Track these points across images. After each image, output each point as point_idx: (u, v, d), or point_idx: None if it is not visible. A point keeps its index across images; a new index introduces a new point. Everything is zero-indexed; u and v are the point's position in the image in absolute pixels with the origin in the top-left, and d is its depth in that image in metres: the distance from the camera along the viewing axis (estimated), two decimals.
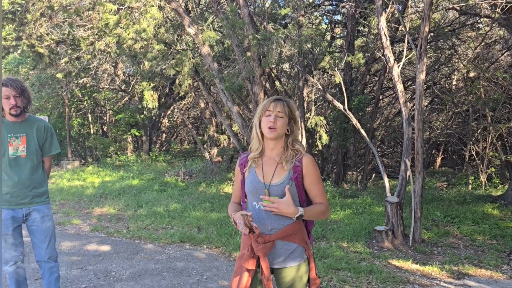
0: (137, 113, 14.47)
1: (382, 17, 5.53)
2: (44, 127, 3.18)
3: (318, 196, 2.09)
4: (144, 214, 7.00)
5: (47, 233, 3.15)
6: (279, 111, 2.04)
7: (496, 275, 4.35)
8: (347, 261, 4.61)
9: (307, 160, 2.07)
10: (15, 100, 2.97)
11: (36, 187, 3.12)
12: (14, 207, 3.05)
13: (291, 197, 1.98)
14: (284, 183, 2.01)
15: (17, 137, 3.05)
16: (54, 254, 3.22)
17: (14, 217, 3.05)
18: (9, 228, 3.04)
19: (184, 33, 8.22)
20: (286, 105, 2.07)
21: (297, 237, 2.05)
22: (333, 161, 10.03)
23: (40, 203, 3.14)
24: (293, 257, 2.04)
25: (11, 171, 3.03)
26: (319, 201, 2.09)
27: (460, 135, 9.65)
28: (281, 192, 2.01)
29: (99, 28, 8.24)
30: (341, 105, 6.72)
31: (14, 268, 3.10)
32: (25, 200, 3.07)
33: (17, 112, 3.01)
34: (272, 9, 8.14)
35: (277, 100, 2.07)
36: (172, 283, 4.08)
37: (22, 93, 3.02)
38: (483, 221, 6.18)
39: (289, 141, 2.08)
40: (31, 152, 3.09)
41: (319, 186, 2.09)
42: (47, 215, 3.16)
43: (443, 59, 9.95)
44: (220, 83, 7.23)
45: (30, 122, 3.13)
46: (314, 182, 2.08)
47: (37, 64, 10.53)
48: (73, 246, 5.32)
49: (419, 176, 5.24)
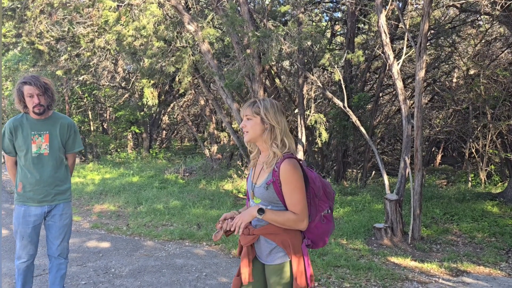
0: (137, 110, 14.48)
1: (382, 14, 5.53)
2: (68, 124, 3.19)
3: (292, 206, 1.99)
4: (144, 211, 7.02)
5: (62, 230, 3.17)
6: (246, 114, 2.08)
7: (495, 272, 4.36)
8: (346, 258, 4.63)
9: (284, 166, 1.98)
10: (38, 98, 2.97)
11: (59, 184, 3.13)
12: (37, 205, 3.07)
13: (271, 200, 2.03)
14: (261, 187, 2.05)
15: (40, 135, 3.06)
16: (65, 251, 3.24)
17: (37, 214, 3.07)
18: (29, 226, 3.06)
19: (184, 30, 8.21)
20: (256, 106, 2.06)
21: (278, 237, 2.04)
22: (333, 159, 10.04)
23: (63, 200, 3.17)
24: (273, 255, 2.07)
25: (34, 169, 3.04)
26: (293, 211, 2.00)
27: (460, 133, 9.65)
28: (260, 194, 2.06)
29: (98, 25, 8.24)
30: (341, 102, 6.72)
31: (26, 265, 3.13)
32: (48, 197, 3.09)
33: (40, 110, 3.01)
34: (272, 6, 8.13)
35: (249, 104, 2.10)
36: (171, 279, 4.09)
37: (46, 91, 3.02)
38: (482, 218, 6.19)
39: (270, 143, 2.06)
40: (54, 150, 3.10)
41: (294, 196, 1.98)
42: (65, 213, 3.18)
43: (443, 56, 9.94)
44: (220, 80, 7.23)
45: (54, 119, 3.14)
46: (290, 190, 1.98)
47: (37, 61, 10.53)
48: (73, 243, 5.33)
49: (418, 173, 5.25)
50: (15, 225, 3.08)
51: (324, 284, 3.99)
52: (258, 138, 2.07)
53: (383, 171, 5.85)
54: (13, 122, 3.04)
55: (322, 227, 2.10)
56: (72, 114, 15.03)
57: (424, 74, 5.27)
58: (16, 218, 3.08)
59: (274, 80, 9.24)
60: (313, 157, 9.88)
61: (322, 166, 9.69)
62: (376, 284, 4.01)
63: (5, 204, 7.51)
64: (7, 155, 3.10)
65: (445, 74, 11.00)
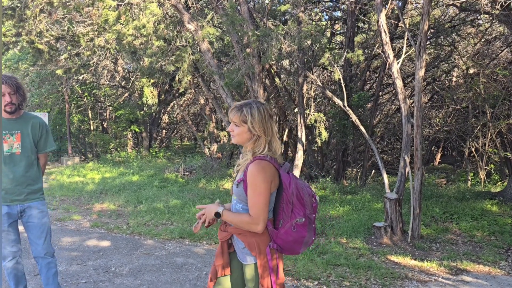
0: (137, 109, 14.48)
1: (382, 13, 5.53)
2: (39, 124, 3.18)
3: (250, 208, 1.99)
4: (144, 210, 7.03)
5: (43, 229, 3.16)
6: (233, 120, 2.09)
7: (494, 271, 4.37)
8: (346, 257, 4.63)
9: (251, 167, 1.99)
10: (10, 97, 2.98)
11: (30, 184, 3.13)
12: (9, 204, 3.06)
13: (241, 198, 2.07)
14: (235, 184, 2.12)
15: (11, 134, 3.05)
16: (51, 250, 3.23)
17: (9, 213, 3.06)
18: (5, 224, 3.05)
19: (183, 30, 8.22)
20: (243, 115, 2.04)
21: (246, 238, 2.07)
22: (332, 158, 10.05)
23: (35, 199, 3.16)
24: (243, 255, 2.12)
25: (6, 168, 3.04)
26: (250, 213, 2.00)
27: (460, 132, 9.66)
28: (235, 191, 2.12)
29: (98, 24, 8.24)
30: (341, 101, 6.72)
31: (13, 264, 3.12)
32: (20, 196, 3.08)
33: (11, 109, 3.02)
34: (272, 5, 8.13)
35: (236, 108, 2.07)
36: (171, 278, 4.10)
37: (17, 90, 3.02)
38: (482, 217, 6.20)
39: (252, 148, 2.08)
40: (26, 149, 3.09)
41: (253, 198, 1.97)
42: (42, 211, 3.17)
43: (443, 55, 9.95)
44: (220, 79, 7.23)
45: (25, 119, 3.13)
46: (251, 191, 1.98)
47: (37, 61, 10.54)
48: (73, 242, 5.34)
49: (418, 172, 5.26)
50: None
51: (324, 283, 4.00)
52: (244, 143, 2.10)
53: (383, 170, 5.86)
54: None
55: (292, 235, 2.01)
56: (72, 113, 15.03)
57: (423, 73, 5.28)
58: None
59: (274, 79, 9.24)
60: (313, 156, 9.89)
61: (322, 165, 9.70)
62: (375, 282, 4.02)
63: None
64: None
65: (445, 73, 11.01)
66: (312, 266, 4.36)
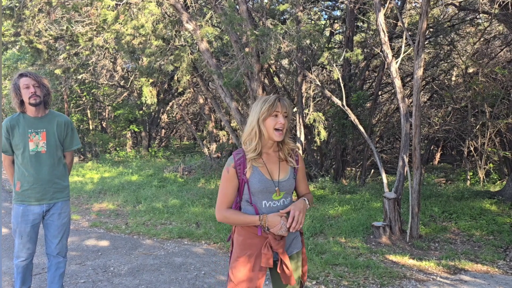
0: (136, 109, 14.47)
1: (381, 13, 5.53)
2: (65, 122, 3.18)
3: (307, 187, 2.26)
4: (143, 210, 7.03)
5: (61, 229, 3.17)
6: (285, 112, 2.02)
7: (492, 270, 4.37)
8: (345, 257, 4.64)
9: (300, 155, 2.21)
10: (34, 88, 3.00)
11: (57, 182, 3.12)
12: (36, 203, 3.06)
13: (291, 190, 2.14)
14: (290, 178, 2.12)
15: (37, 133, 3.05)
16: (64, 250, 3.24)
17: (35, 213, 3.06)
18: (28, 224, 3.05)
19: (182, 29, 8.20)
20: (288, 104, 2.07)
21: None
22: (332, 157, 10.05)
23: (61, 198, 3.16)
24: (295, 243, 2.17)
25: (32, 167, 3.03)
26: (307, 192, 2.25)
27: (459, 131, 9.66)
28: (288, 187, 2.10)
29: (97, 23, 8.23)
30: (340, 101, 6.72)
31: (25, 264, 3.13)
32: (46, 196, 3.08)
33: (36, 101, 3.01)
34: (271, 4, 8.12)
35: (281, 99, 2.04)
36: (170, 278, 4.10)
37: (41, 83, 3.06)
38: (480, 216, 6.20)
39: (285, 138, 2.08)
40: (51, 147, 3.09)
41: (306, 179, 2.27)
42: (64, 212, 3.18)
43: (442, 54, 9.95)
44: (219, 79, 7.23)
45: (51, 117, 3.13)
46: (304, 175, 2.23)
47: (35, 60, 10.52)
48: (72, 242, 5.34)
49: (416, 172, 5.26)
50: (14, 224, 3.08)
51: (323, 282, 4.00)
52: None
53: (382, 170, 5.86)
54: (10, 121, 3.03)
55: None
56: (71, 112, 15.02)
57: (422, 73, 5.27)
58: (14, 217, 3.07)
59: (273, 78, 9.24)
60: (312, 155, 9.89)
61: (321, 165, 9.70)
62: (374, 282, 4.02)
63: (4, 203, 7.51)
64: (4, 154, 3.10)
65: (444, 72, 11.02)
66: (311, 266, 4.36)
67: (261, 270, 2.06)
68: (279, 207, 2.07)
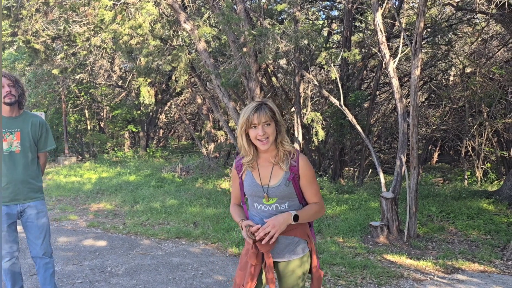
0: (134, 109, 14.46)
1: (378, 12, 5.53)
2: (39, 122, 3.17)
3: (314, 196, 2.09)
4: (140, 210, 7.02)
5: (42, 229, 3.15)
6: (264, 121, 1.98)
7: (489, 270, 4.38)
8: (342, 256, 4.64)
9: (303, 160, 2.06)
10: (9, 88, 2.99)
11: (31, 182, 3.11)
12: (9, 203, 3.04)
13: (288, 196, 2.04)
14: (281, 184, 2.03)
15: (11, 132, 3.04)
16: (49, 250, 3.22)
17: (9, 213, 3.04)
18: (4, 225, 3.03)
19: (180, 29, 8.20)
20: (268, 111, 1.99)
21: (298, 231, 2.08)
22: (329, 157, 10.06)
23: (35, 199, 3.14)
24: (295, 250, 2.09)
25: (5, 167, 3.02)
26: (314, 201, 2.10)
27: (457, 131, 9.68)
28: (279, 193, 2.03)
29: (94, 23, 8.21)
30: (338, 101, 6.72)
31: (10, 264, 3.10)
32: (20, 196, 3.07)
33: (11, 100, 3.00)
34: (269, 4, 8.11)
35: (259, 109, 1.98)
36: (167, 278, 4.10)
37: (16, 83, 3.04)
38: (478, 216, 6.22)
39: (279, 141, 2.05)
40: (26, 147, 3.08)
41: (314, 186, 2.09)
42: (41, 211, 3.16)
43: (439, 54, 9.96)
44: (216, 79, 7.22)
45: (25, 117, 3.13)
46: (310, 182, 2.07)
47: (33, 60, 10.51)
48: (69, 242, 5.33)
49: (414, 171, 5.26)
50: None
51: None
52: (272, 141, 2.06)
53: (379, 169, 5.86)
54: None
55: None
56: (68, 113, 14.99)
57: (419, 73, 5.28)
58: None
59: (270, 78, 9.24)
60: (310, 155, 9.89)
61: (319, 165, 9.70)
62: (371, 281, 4.03)
63: None
64: None
65: (442, 72, 11.03)
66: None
67: (252, 265, 2.08)
68: (271, 211, 2.06)
